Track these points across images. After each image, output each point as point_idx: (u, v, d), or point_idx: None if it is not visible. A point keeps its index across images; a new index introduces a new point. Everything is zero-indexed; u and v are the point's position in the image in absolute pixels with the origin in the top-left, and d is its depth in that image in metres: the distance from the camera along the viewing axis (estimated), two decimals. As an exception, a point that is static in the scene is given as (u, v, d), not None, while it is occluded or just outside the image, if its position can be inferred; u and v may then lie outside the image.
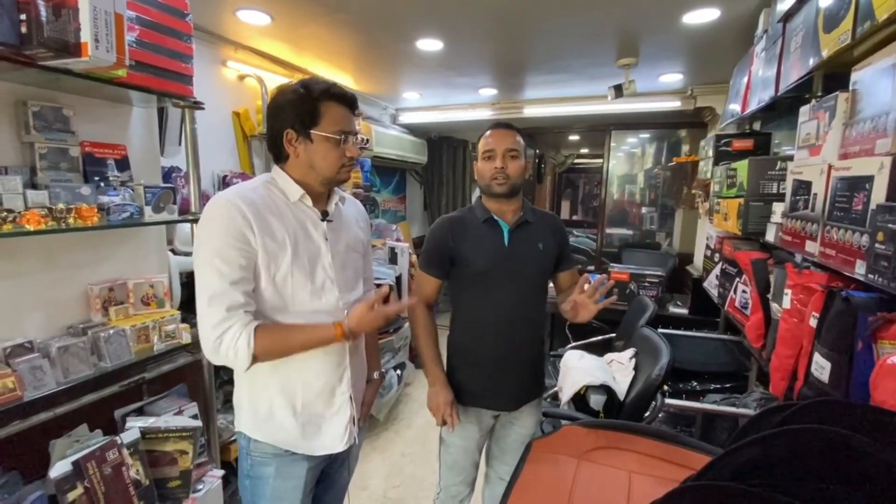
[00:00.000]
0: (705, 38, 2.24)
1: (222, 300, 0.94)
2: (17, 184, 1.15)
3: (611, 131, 4.40)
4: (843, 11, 1.06)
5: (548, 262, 1.42)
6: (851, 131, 1.08)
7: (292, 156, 1.04)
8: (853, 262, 0.99)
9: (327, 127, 1.02)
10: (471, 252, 1.36)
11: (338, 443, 1.14)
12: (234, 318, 0.95)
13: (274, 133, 1.04)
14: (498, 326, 1.38)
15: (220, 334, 0.94)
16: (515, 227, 1.37)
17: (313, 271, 1.06)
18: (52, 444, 1.29)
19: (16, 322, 1.28)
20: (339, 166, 1.06)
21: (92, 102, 1.41)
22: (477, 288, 1.39)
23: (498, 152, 1.32)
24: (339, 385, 1.13)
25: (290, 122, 1.01)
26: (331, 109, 1.03)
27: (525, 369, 1.43)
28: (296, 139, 1.03)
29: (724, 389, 2.04)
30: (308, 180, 1.07)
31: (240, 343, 0.94)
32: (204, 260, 0.95)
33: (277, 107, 1.03)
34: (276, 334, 1.00)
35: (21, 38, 0.96)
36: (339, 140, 1.03)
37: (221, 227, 0.95)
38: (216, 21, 2.13)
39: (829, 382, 1.00)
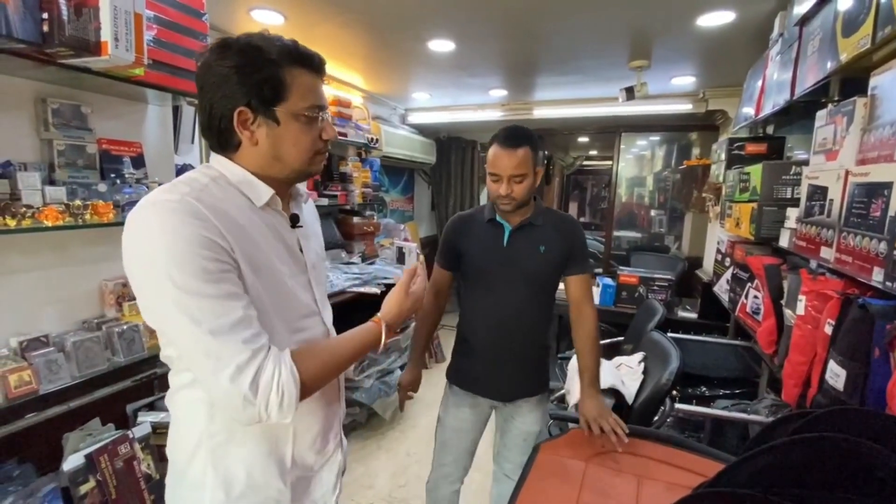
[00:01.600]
0: (719, 40, 2.22)
1: (237, 332, 0.66)
2: (36, 180, 1.17)
3: (621, 133, 4.37)
4: (862, 16, 1.05)
5: (550, 265, 1.41)
6: (870, 137, 1.07)
7: (247, 143, 0.75)
8: (870, 268, 0.98)
9: (297, 101, 0.75)
10: (471, 249, 1.43)
11: (329, 497, 0.92)
12: (261, 350, 0.68)
13: (217, 112, 0.73)
14: (492, 322, 1.44)
15: (251, 380, 0.66)
16: (517, 228, 1.40)
17: (296, 295, 0.82)
18: (66, 438, 1.31)
19: (32, 316, 1.30)
20: (313, 153, 0.80)
21: (109, 100, 1.43)
22: (476, 284, 1.46)
23: (504, 177, 1.29)
24: (333, 427, 0.93)
25: (243, 97, 0.72)
26: (299, 77, 0.75)
27: (520, 365, 1.46)
28: (252, 121, 0.74)
29: (734, 395, 2.02)
30: (271, 174, 0.78)
31: (283, 380, 0.68)
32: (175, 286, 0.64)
33: (220, 74, 0.72)
34: (319, 353, 0.76)
35: (43, 37, 0.98)
36: (313, 118, 0.77)
37: (185, 240, 0.65)
38: (230, 20, 2.15)
39: (844, 390, 0.99)
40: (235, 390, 0.66)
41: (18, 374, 1.12)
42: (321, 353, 0.77)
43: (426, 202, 5.30)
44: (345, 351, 0.80)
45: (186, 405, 0.78)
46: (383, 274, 3.10)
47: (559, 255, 1.41)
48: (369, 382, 2.76)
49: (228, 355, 0.66)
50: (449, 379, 1.56)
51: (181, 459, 0.80)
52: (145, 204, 0.68)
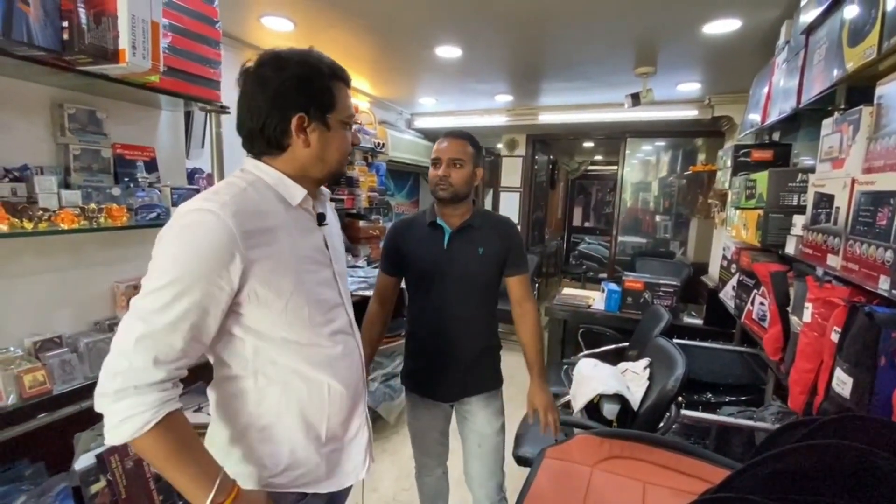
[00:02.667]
0: (725, 47, 2.23)
1: (155, 347, 0.70)
2: (53, 184, 1.19)
3: (626, 139, 4.38)
4: (868, 26, 1.06)
5: (488, 266, 1.45)
6: (876, 146, 1.07)
7: (298, 146, 0.85)
8: (876, 277, 0.98)
9: (343, 111, 0.87)
10: (413, 253, 1.46)
11: (360, 469, 1.00)
12: (156, 381, 0.71)
13: (275, 118, 0.82)
14: (434, 323, 1.46)
15: (126, 388, 0.69)
16: (457, 231, 1.43)
17: (323, 288, 0.90)
18: (77, 437, 1.33)
19: (45, 317, 1.33)
20: (347, 156, 0.94)
21: (123, 106, 1.45)
22: (418, 287, 1.48)
23: (443, 160, 1.37)
24: (359, 407, 0.99)
25: (302, 105, 0.82)
26: (342, 91, 0.88)
27: (465, 366, 1.47)
28: (308, 125, 0.84)
29: (740, 402, 2.02)
30: (309, 175, 0.88)
31: (133, 421, 0.69)
32: (158, 282, 0.71)
33: (279, 85, 0.81)
34: (171, 444, 0.73)
35: (63, 45, 1.00)
36: (350, 126, 0.92)
37: (200, 254, 0.73)
38: (240, 27, 2.18)
39: (850, 398, 0.99)
40: (111, 385, 0.70)
41: (33, 374, 1.14)
42: (171, 451, 0.73)
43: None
44: (180, 470, 0.74)
45: (233, 393, 0.86)
46: (389, 277, 3.12)
47: (497, 255, 1.45)
48: (374, 386, 2.77)
49: (133, 356, 0.70)
50: (402, 382, 1.60)
51: (226, 438, 0.87)
52: (193, 207, 0.76)
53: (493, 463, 1.53)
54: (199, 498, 0.74)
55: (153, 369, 0.70)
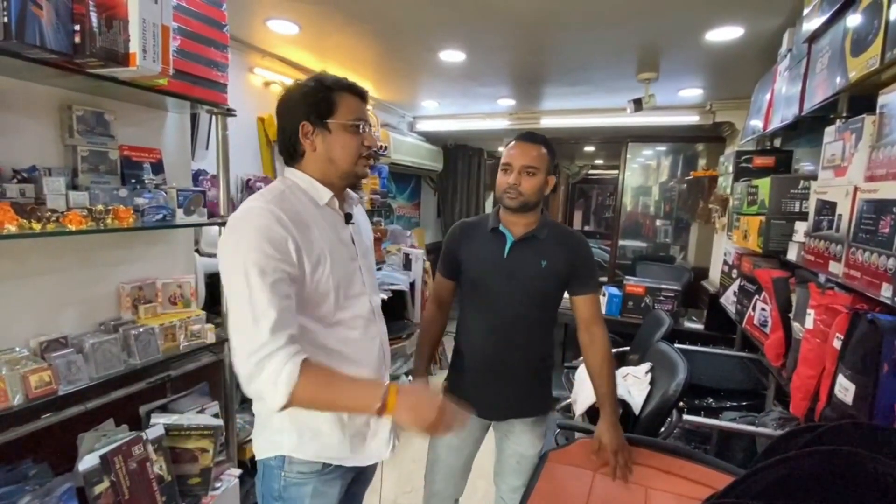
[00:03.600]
0: (727, 54, 2.25)
1: (270, 319, 0.84)
2: (61, 185, 1.20)
3: (628, 144, 4.40)
4: (871, 36, 1.07)
5: (551, 280, 1.36)
6: (878, 154, 1.08)
7: (309, 151, 1.00)
8: (879, 284, 0.99)
9: (344, 115, 0.99)
10: (470, 258, 1.39)
11: (384, 449, 1.10)
12: (281, 344, 0.85)
13: (288, 130, 1.00)
14: (487, 336, 1.38)
15: (262, 358, 0.84)
16: (520, 240, 1.35)
17: (349, 279, 1.03)
18: (81, 438, 1.33)
19: (51, 317, 1.33)
20: (358, 157, 1.02)
21: (131, 108, 1.46)
22: (473, 295, 1.41)
23: (514, 167, 1.30)
24: None
25: (304, 115, 0.97)
26: (345, 99, 0.99)
27: (515, 384, 1.39)
28: (312, 131, 0.98)
29: (741, 407, 2.03)
30: (328, 177, 1.02)
31: (282, 377, 0.84)
32: (243, 272, 0.85)
33: (290, 102, 1.00)
34: (322, 379, 0.89)
35: (74, 48, 1.01)
36: (356, 127, 1.00)
37: (262, 237, 0.87)
38: (246, 30, 2.20)
39: (852, 404, 1.00)
40: (249, 361, 0.84)
41: (39, 374, 1.15)
42: (322, 379, 0.89)
43: (432, 209, 5.33)
44: (341, 393, 0.91)
45: None
46: (390, 280, 3.13)
47: (562, 271, 1.35)
48: (375, 388, 2.77)
49: (257, 334, 0.84)
50: (444, 393, 1.49)
51: (266, 412, 1.03)
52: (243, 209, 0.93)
53: (528, 477, 1.45)
54: (372, 403, 0.87)
55: (273, 337, 0.84)
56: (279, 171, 2.76)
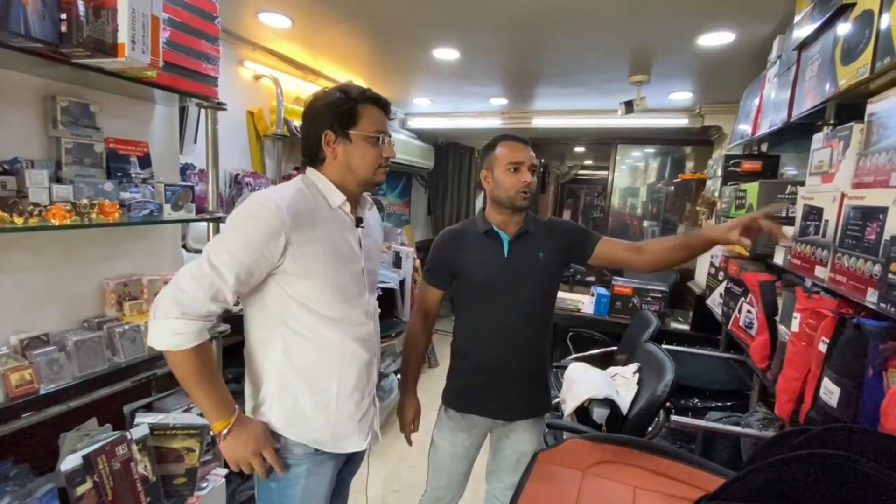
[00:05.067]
0: (718, 59, 2.28)
1: (213, 286, 0.92)
2: (44, 178, 1.16)
3: (617, 145, 4.44)
4: (861, 45, 1.09)
5: (549, 269, 1.40)
6: (866, 161, 1.10)
7: (330, 157, 1.06)
8: (864, 289, 1.01)
9: (365, 127, 1.05)
10: (470, 264, 1.39)
11: (363, 441, 1.16)
12: (203, 314, 0.93)
13: (312, 135, 1.06)
14: (496, 337, 1.39)
15: (183, 311, 0.91)
16: (515, 237, 1.38)
17: (349, 278, 1.08)
18: (63, 437, 1.30)
19: (32, 314, 1.29)
20: (376, 167, 1.08)
21: (117, 99, 1.42)
22: (477, 298, 1.41)
23: (526, 165, 1.34)
24: (367, 385, 1.16)
25: (328, 123, 1.04)
26: (368, 111, 1.05)
27: (522, 382, 1.42)
28: (334, 140, 1.05)
29: (725, 407, 2.06)
30: (345, 183, 1.08)
31: (183, 336, 0.92)
32: (226, 243, 0.95)
33: (316, 109, 1.06)
34: (197, 367, 0.96)
35: (60, 37, 0.98)
36: (376, 139, 1.06)
37: (256, 226, 0.95)
38: (237, 22, 2.16)
39: (837, 407, 1.02)
40: (176, 298, 0.92)
41: (20, 373, 1.11)
42: (195, 371, 0.96)
43: (422, 206, 5.32)
44: (197, 392, 0.98)
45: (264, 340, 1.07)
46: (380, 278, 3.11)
47: (557, 258, 1.41)
48: (364, 386, 2.75)
49: (196, 285, 0.92)
50: (445, 402, 1.50)
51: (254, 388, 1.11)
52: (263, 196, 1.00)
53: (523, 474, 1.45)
54: (213, 414, 0.99)
55: (209, 303, 0.93)
56: (268, 166, 2.73)
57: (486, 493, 1.60)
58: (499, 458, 1.52)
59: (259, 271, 0.97)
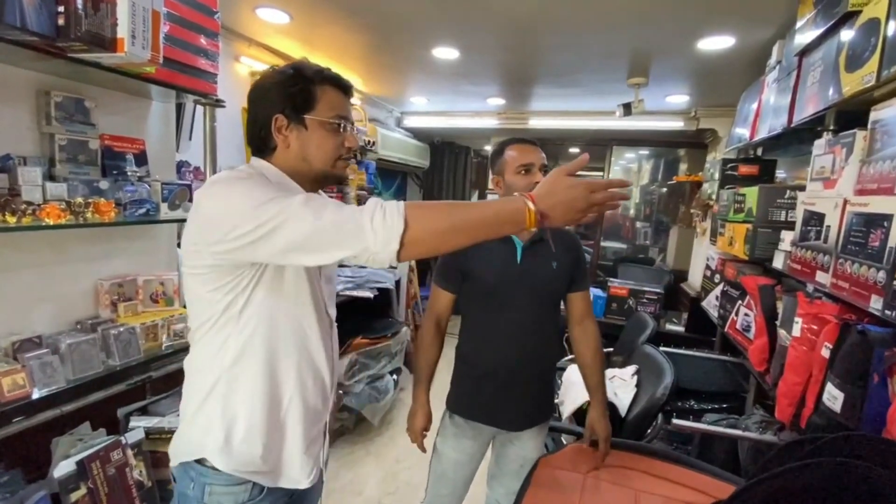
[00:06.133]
0: (716, 63, 2.29)
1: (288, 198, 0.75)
2: (37, 175, 1.13)
3: (612, 147, 4.46)
4: (868, 53, 1.10)
5: (561, 281, 1.38)
6: (869, 169, 1.11)
7: (281, 146, 0.88)
8: (868, 296, 1.01)
9: (324, 111, 0.88)
10: (482, 267, 1.35)
11: (304, 478, 0.96)
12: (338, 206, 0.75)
13: (259, 120, 0.88)
14: (505, 343, 1.37)
15: (352, 210, 0.74)
16: (529, 244, 1.35)
17: (311, 285, 0.92)
18: (55, 442, 1.27)
19: (23, 315, 1.26)
20: (336, 158, 0.91)
21: (113, 95, 1.39)
22: (487, 303, 1.38)
23: (537, 166, 1.31)
24: (324, 410, 1.00)
25: (279, 107, 0.86)
26: (327, 93, 0.89)
27: (529, 390, 1.40)
28: (286, 126, 0.87)
29: (722, 409, 2.08)
30: (300, 176, 0.90)
31: (385, 206, 0.74)
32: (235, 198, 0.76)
33: (263, 89, 0.88)
34: (433, 205, 0.78)
35: (57, 31, 0.94)
36: (337, 126, 0.89)
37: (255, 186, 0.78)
38: (234, 17, 2.12)
39: (840, 412, 1.03)
40: (349, 218, 0.73)
41: (12, 377, 1.08)
42: (436, 205, 0.78)
43: (417, 206, 5.29)
44: (467, 211, 0.77)
45: (209, 352, 0.87)
46: (376, 277, 3.09)
47: (568, 270, 1.38)
48: (359, 387, 2.73)
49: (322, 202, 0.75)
50: (449, 408, 1.47)
51: (196, 402, 0.88)
52: (218, 177, 0.83)
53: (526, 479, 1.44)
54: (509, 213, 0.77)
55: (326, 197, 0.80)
56: (264, 164, 2.69)
57: (487, 496, 1.58)
58: (502, 463, 1.51)
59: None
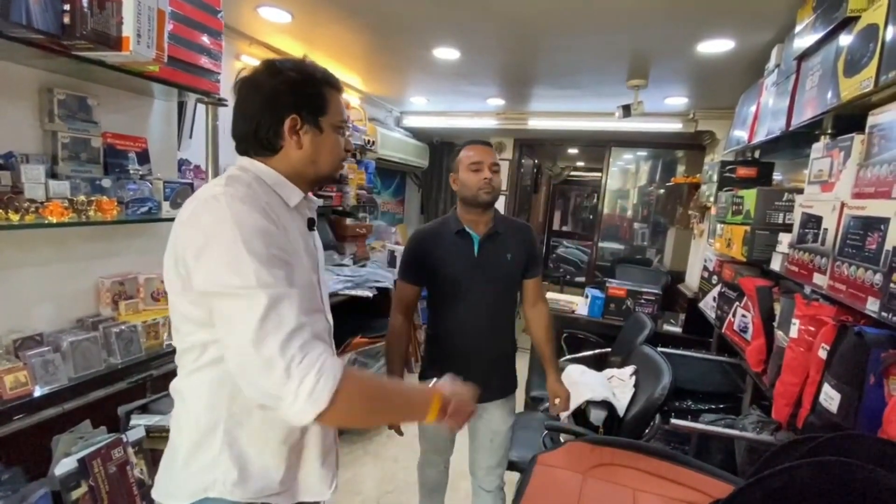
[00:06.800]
0: (715, 66, 2.30)
1: (293, 310, 0.71)
2: (40, 173, 1.13)
3: (611, 148, 4.47)
4: (866, 59, 1.11)
5: (515, 270, 1.55)
6: (867, 172, 1.12)
7: (291, 147, 0.85)
8: (864, 298, 1.03)
9: (334, 116, 0.88)
10: (443, 261, 1.49)
11: (326, 489, 0.95)
12: (310, 337, 0.71)
13: (267, 120, 0.83)
14: (465, 327, 1.52)
15: (291, 358, 0.68)
16: (485, 238, 1.49)
17: (310, 293, 0.89)
18: (56, 440, 1.26)
19: (24, 313, 1.25)
20: (341, 160, 0.94)
21: (115, 93, 1.39)
22: (449, 294, 1.51)
23: (486, 164, 1.45)
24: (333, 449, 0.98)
25: (295, 108, 0.84)
26: (335, 97, 0.89)
27: (490, 367, 1.54)
28: (301, 127, 0.85)
29: (718, 409, 2.09)
30: (302, 178, 0.89)
31: (324, 373, 0.68)
32: (228, 256, 0.71)
33: (274, 90, 0.83)
34: (369, 376, 0.80)
35: (63, 29, 0.94)
36: (342, 131, 0.92)
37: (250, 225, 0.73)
38: (236, 16, 2.12)
39: (837, 413, 1.04)
40: (277, 365, 0.67)
41: (14, 374, 1.08)
42: (371, 377, 0.82)
43: (416, 205, 5.30)
44: (393, 392, 0.83)
45: (207, 386, 0.82)
46: (375, 277, 3.09)
47: (522, 260, 1.54)
48: (358, 386, 2.73)
49: (276, 327, 0.69)
50: (421, 380, 1.60)
51: (193, 440, 0.82)
52: (208, 197, 0.75)
53: (501, 456, 1.62)
54: (420, 409, 0.82)
55: (300, 318, 0.71)
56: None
57: (472, 485, 1.69)
58: (475, 442, 1.64)
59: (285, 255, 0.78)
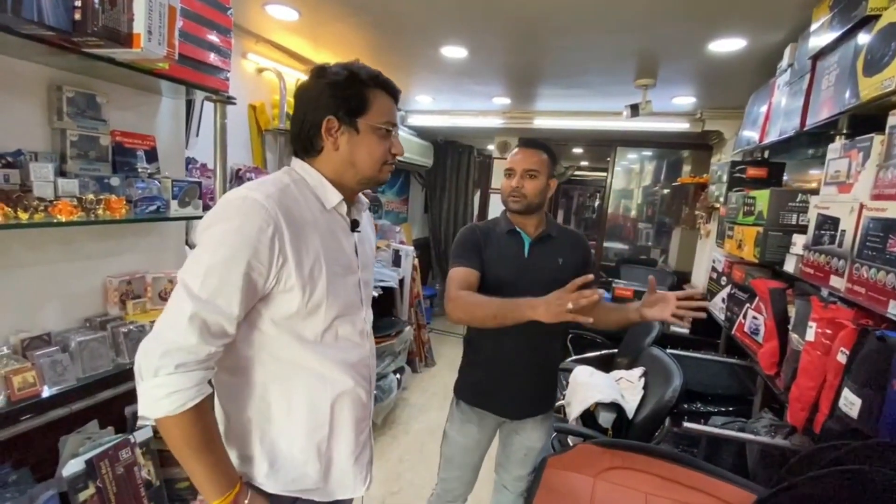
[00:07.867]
0: (726, 65, 2.28)
1: (205, 321, 0.73)
2: (49, 171, 1.12)
3: (616, 147, 4.45)
4: (887, 57, 1.09)
5: (567, 276, 1.35)
6: (887, 174, 1.10)
7: (329, 149, 0.88)
8: (886, 301, 1.01)
9: (375, 116, 0.88)
10: (493, 259, 1.41)
11: (360, 485, 0.98)
12: (202, 358, 0.74)
13: (308, 121, 0.87)
14: (509, 333, 1.37)
15: (174, 364, 0.72)
16: (536, 239, 1.43)
17: (346, 294, 0.90)
18: (63, 441, 1.25)
19: (32, 313, 1.24)
20: (382, 163, 0.92)
21: (124, 90, 1.37)
22: (494, 294, 1.37)
23: (517, 171, 1.39)
24: (364, 418, 0.99)
25: (332, 108, 0.86)
26: (379, 98, 0.90)
27: (533, 381, 1.45)
28: (338, 128, 0.87)
29: (728, 412, 2.07)
30: (344, 180, 0.91)
31: (178, 393, 0.72)
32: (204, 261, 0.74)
33: (317, 90, 0.87)
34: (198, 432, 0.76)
35: (74, 25, 0.93)
36: (386, 132, 0.91)
37: (242, 237, 0.75)
38: (243, 13, 2.10)
39: (858, 418, 1.02)
40: (163, 362, 0.72)
41: (22, 374, 1.07)
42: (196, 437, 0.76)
43: (420, 204, 5.29)
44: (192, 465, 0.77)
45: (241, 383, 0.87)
46: (380, 277, 3.08)
47: (574, 267, 1.43)
48: (363, 386, 2.72)
49: (186, 332, 0.72)
50: (457, 394, 1.52)
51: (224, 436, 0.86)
52: (239, 195, 0.79)
53: (532, 467, 1.53)
54: (212, 489, 0.77)
55: (205, 345, 0.74)
56: (270, 161, 2.67)
57: (496, 481, 1.63)
58: (508, 452, 1.56)
59: (257, 285, 0.78)
